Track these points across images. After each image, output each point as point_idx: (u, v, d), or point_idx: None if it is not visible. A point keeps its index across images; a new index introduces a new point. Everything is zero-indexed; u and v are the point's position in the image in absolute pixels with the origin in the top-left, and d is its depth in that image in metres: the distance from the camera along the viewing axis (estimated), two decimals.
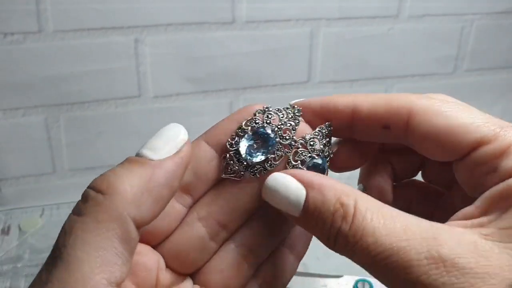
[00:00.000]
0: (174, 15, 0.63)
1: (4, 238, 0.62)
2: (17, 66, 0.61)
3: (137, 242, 0.20)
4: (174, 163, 0.21)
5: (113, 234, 0.18)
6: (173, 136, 0.22)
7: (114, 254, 0.18)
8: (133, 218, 0.19)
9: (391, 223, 0.19)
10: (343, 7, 0.69)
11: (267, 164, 0.24)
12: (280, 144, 0.24)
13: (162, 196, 0.20)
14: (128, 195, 0.19)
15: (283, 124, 0.25)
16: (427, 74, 0.78)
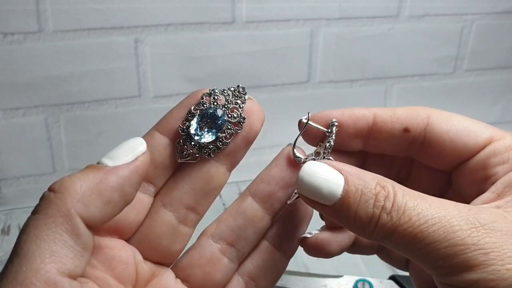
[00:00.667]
0: (174, 15, 0.63)
1: (4, 238, 0.62)
2: (17, 66, 0.61)
3: (91, 239, 0.21)
4: (128, 169, 0.22)
5: (61, 228, 0.20)
6: (132, 147, 0.23)
7: (64, 246, 0.20)
8: (80, 215, 0.20)
9: (428, 201, 0.21)
10: (343, 7, 0.69)
11: (219, 143, 0.25)
12: (229, 122, 0.25)
13: (112, 198, 0.21)
14: (77, 194, 0.20)
15: (229, 103, 0.26)
16: (427, 74, 0.78)
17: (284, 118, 0.75)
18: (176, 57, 0.66)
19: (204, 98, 0.26)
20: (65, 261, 0.19)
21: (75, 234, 0.20)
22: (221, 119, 0.25)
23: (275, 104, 0.73)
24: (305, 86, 0.73)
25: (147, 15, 0.62)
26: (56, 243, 0.19)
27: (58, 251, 0.19)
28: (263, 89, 0.72)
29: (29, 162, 0.66)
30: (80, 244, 0.20)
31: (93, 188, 0.21)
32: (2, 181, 0.67)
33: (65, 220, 0.20)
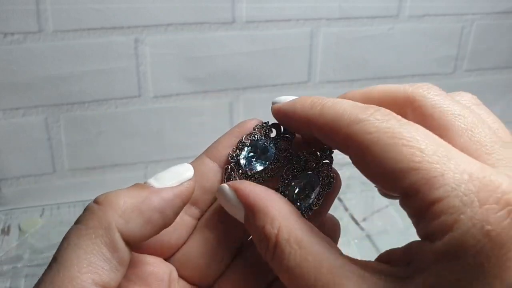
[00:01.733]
0: (174, 15, 0.63)
1: (4, 238, 0.62)
2: (17, 66, 0.61)
3: (127, 255, 0.21)
4: (172, 193, 0.23)
5: (101, 241, 0.21)
6: (179, 172, 0.24)
7: (101, 258, 0.20)
8: (120, 230, 0.21)
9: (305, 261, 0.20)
10: (343, 7, 0.69)
11: (266, 174, 0.26)
12: (278, 155, 0.26)
13: (152, 219, 0.22)
14: (119, 209, 0.21)
15: (279, 138, 0.27)
16: (427, 74, 0.78)
17: None
18: (176, 57, 0.66)
19: (256, 130, 0.26)
20: (101, 272, 0.20)
21: (113, 247, 0.21)
22: (271, 151, 0.26)
23: None
24: (305, 86, 0.73)
25: (147, 15, 0.62)
26: (94, 254, 0.20)
27: (95, 262, 0.20)
28: (263, 89, 0.72)
29: (29, 162, 0.66)
30: (117, 258, 0.21)
31: (136, 206, 0.21)
32: (2, 181, 0.67)
33: (105, 233, 0.21)
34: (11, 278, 0.56)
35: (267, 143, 0.26)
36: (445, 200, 0.18)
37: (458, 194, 0.18)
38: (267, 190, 0.23)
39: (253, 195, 0.22)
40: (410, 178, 0.18)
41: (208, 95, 0.70)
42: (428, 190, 0.18)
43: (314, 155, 0.26)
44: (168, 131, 0.70)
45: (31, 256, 0.59)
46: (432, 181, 0.18)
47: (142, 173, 0.72)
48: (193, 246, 0.26)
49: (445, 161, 0.18)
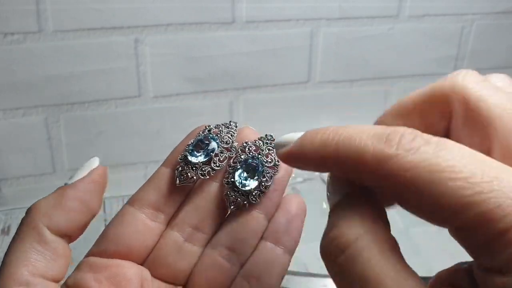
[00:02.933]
0: (174, 15, 0.63)
1: (4, 238, 0.62)
2: (17, 66, 0.61)
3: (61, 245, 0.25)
4: (84, 183, 0.27)
5: (32, 239, 0.24)
6: (87, 166, 0.29)
7: (35, 253, 0.24)
8: (47, 225, 0.25)
9: None
10: (343, 7, 0.69)
11: (213, 164, 0.28)
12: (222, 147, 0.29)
13: (74, 207, 0.26)
14: (42, 210, 0.25)
15: (222, 133, 0.29)
16: (427, 74, 0.78)
17: (284, 118, 0.75)
18: (176, 57, 0.66)
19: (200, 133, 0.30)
20: (36, 265, 0.24)
21: (42, 241, 0.24)
22: (211, 143, 0.29)
23: (275, 104, 0.73)
24: (305, 86, 0.73)
25: (147, 15, 0.62)
26: (28, 251, 0.24)
27: (30, 257, 0.24)
28: (263, 89, 0.72)
29: (29, 162, 0.67)
30: (49, 250, 0.24)
31: (55, 202, 0.25)
32: (2, 181, 0.67)
33: (34, 232, 0.24)
34: None
35: (208, 137, 0.29)
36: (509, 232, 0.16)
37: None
38: None
39: None
40: (463, 216, 0.17)
41: (208, 95, 0.70)
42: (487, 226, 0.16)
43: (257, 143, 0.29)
44: (168, 131, 0.70)
45: None
46: (490, 215, 0.16)
47: (142, 173, 0.72)
48: (161, 247, 0.28)
49: (497, 186, 0.16)
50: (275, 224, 0.28)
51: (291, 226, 0.28)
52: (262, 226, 0.28)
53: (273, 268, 0.28)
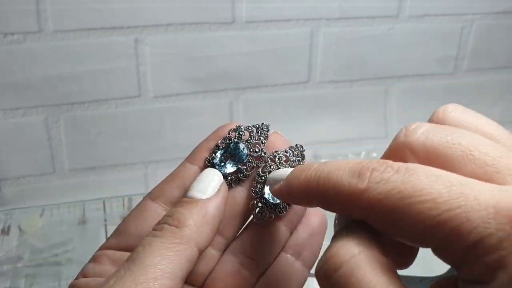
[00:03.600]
0: (174, 15, 0.63)
1: (4, 238, 0.62)
2: (17, 66, 0.61)
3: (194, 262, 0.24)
4: (219, 199, 0.26)
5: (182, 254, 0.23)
6: (214, 179, 0.27)
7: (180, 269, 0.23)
8: (197, 244, 0.24)
9: None
10: (343, 7, 0.69)
11: (240, 174, 0.28)
12: (251, 156, 0.28)
13: (215, 225, 0.25)
14: (193, 227, 0.24)
15: (252, 139, 0.28)
16: (427, 74, 0.78)
17: (284, 118, 0.75)
18: (176, 57, 0.66)
19: (231, 133, 0.28)
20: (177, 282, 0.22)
21: (190, 260, 0.23)
22: (241, 152, 0.28)
23: (275, 104, 0.73)
24: (305, 86, 0.73)
25: (147, 15, 0.62)
26: (176, 265, 0.23)
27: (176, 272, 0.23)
28: (263, 89, 0.72)
29: (29, 162, 0.67)
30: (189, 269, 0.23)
31: (203, 220, 0.25)
32: (2, 181, 0.67)
33: (186, 248, 0.23)
34: (11, 278, 0.56)
35: (239, 145, 0.28)
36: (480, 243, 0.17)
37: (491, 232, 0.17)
38: None
39: None
40: (436, 236, 0.18)
41: (208, 95, 0.70)
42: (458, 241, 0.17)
43: (288, 152, 0.28)
44: (168, 131, 0.70)
45: (31, 256, 0.59)
46: (460, 229, 0.17)
47: (142, 173, 0.72)
48: None
49: (463, 201, 0.17)
50: (297, 237, 0.28)
51: (312, 240, 0.28)
52: (284, 237, 0.28)
53: (291, 281, 0.28)
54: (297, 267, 0.28)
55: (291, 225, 0.28)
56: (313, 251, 0.28)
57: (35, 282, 0.56)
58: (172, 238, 0.24)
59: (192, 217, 0.25)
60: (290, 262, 0.28)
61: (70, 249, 0.61)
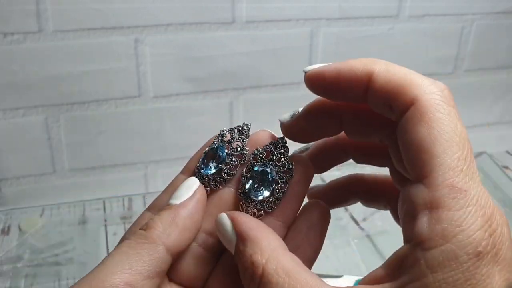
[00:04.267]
0: (174, 15, 0.63)
1: (4, 238, 0.62)
2: (17, 66, 0.61)
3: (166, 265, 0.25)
4: (192, 201, 0.27)
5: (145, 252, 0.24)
6: (190, 185, 0.28)
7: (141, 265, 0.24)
8: (164, 243, 0.25)
9: None
10: (343, 7, 0.69)
11: (224, 174, 0.28)
12: (232, 155, 0.28)
13: (186, 226, 0.26)
14: (160, 228, 0.25)
15: (233, 139, 0.29)
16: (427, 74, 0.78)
17: None
18: (176, 57, 0.66)
19: (215, 140, 0.29)
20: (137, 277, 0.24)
21: (155, 257, 0.24)
22: (220, 152, 0.29)
23: (275, 104, 0.73)
24: (305, 86, 0.73)
25: (147, 15, 0.62)
26: (136, 261, 0.24)
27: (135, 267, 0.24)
28: (263, 89, 0.72)
29: (29, 162, 0.67)
30: (156, 267, 0.24)
31: (171, 221, 0.26)
32: (2, 181, 0.67)
33: (150, 246, 0.25)
34: (11, 278, 0.56)
35: (219, 147, 0.29)
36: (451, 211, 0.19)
37: None
38: (260, 223, 0.25)
39: (246, 225, 0.25)
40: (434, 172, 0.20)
41: (208, 95, 0.70)
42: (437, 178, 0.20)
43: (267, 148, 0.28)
44: (168, 131, 0.70)
45: (31, 256, 0.59)
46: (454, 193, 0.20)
47: (142, 173, 0.72)
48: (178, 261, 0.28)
49: None
50: (294, 232, 0.28)
51: (312, 234, 0.28)
52: (281, 234, 0.27)
53: None
54: None
55: (286, 220, 0.28)
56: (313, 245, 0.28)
57: (35, 282, 0.56)
58: (138, 239, 0.25)
59: (161, 221, 0.26)
60: None
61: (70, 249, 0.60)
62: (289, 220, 0.28)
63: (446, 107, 0.22)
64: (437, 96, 0.23)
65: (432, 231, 0.20)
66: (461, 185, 0.20)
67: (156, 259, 0.24)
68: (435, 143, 0.21)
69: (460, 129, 0.21)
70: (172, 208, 0.27)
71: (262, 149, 0.28)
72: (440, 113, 0.22)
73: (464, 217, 0.19)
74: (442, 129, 0.21)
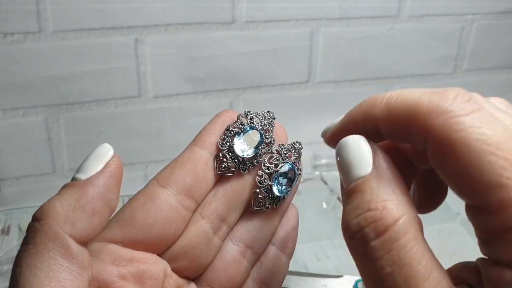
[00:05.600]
0: (174, 15, 0.63)
1: (4, 238, 0.62)
2: (17, 66, 0.61)
3: (86, 256, 0.21)
4: (103, 177, 0.22)
5: (54, 253, 0.20)
6: (100, 155, 0.23)
7: (61, 270, 0.20)
8: (70, 234, 0.20)
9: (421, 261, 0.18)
10: (343, 7, 0.69)
11: (255, 161, 0.27)
12: (264, 143, 0.27)
13: (97, 209, 0.21)
14: (60, 215, 0.20)
15: (263, 125, 0.28)
16: (427, 74, 0.78)
17: (284, 118, 0.75)
18: (176, 57, 0.66)
19: (241, 118, 0.28)
20: (65, 284, 0.20)
21: (68, 255, 0.20)
22: (261, 138, 0.27)
23: (275, 104, 0.73)
24: (305, 86, 0.73)
25: (147, 15, 0.62)
26: (52, 269, 0.19)
27: (56, 276, 0.19)
28: (263, 89, 0.72)
29: (29, 162, 0.66)
30: (76, 264, 0.20)
31: (75, 205, 0.21)
32: (2, 181, 0.67)
33: (55, 244, 0.20)
34: None
35: (256, 131, 0.27)
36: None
37: None
38: None
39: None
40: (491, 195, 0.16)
41: (208, 95, 0.70)
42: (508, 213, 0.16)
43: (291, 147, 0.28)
44: (168, 131, 0.70)
45: None
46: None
47: (142, 173, 0.72)
48: (189, 236, 0.25)
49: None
50: (282, 231, 0.28)
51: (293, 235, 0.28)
52: (277, 224, 0.28)
53: (279, 274, 0.28)
54: (283, 260, 0.28)
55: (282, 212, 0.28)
56: (293, 245, 0.28)
57: None
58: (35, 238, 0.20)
59: (61, 204, 0.21)
60: (277, 256, 0.28)
61: None
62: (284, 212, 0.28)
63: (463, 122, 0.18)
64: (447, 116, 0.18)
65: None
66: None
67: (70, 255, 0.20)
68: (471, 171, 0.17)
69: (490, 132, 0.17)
70: (76, 187, 0.22)
71: (287, 147, 0.28)
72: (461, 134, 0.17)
73: None
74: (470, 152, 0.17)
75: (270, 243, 0.28)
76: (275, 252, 0.28)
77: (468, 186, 0.17)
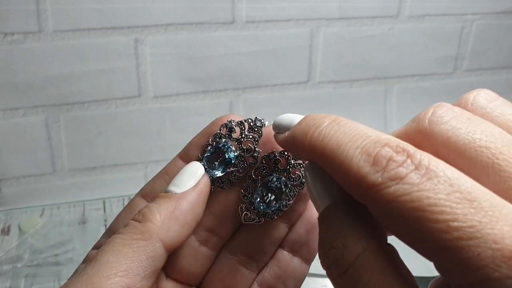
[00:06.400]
0: (174, 15, 0.63)
1: (4, 238, 0.62)
2: (17, 66, 0.61)
3: (162, 263, 0.23)
4: (195, 193, 0.25)
5: (142, 250, 0.22)
6: (192, 172, 0.25)
7: (139, 266, 0.22)
8: (162, 240, 0.23)
9: None
10: (343, 7, 0.69)
11: (231, 176, 0.26)
12: (242, 156, 0.26)
13: (187, 221, 0.24)
14: (158, 222, 0.23)
15: (244, 137, 0.26)
16: (427, 74, 0.78)
17: None
18: (176, 57, 0.66)
19: (221, 129, 0.26)
20: (135, 279, 0.22)
21: (152, 257, 0.23)
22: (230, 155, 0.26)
23: (275, 104, 0.73)
24: (305, 86, 0.73)
25: (147, 15, 0.62)
26: (134, 262, 0.22)
27: (133, 269, 0.22)
28: (263, 89, 0.72)
29: (29, 162, 0.66)
30: (153, 267, 0.23)
31: (171, 215, 0.24)
32: (2, 181, 0.67)
33: (147, 243, 0.23)
34: (11, 278, 0.56)
35: (227, 147, 0.26)
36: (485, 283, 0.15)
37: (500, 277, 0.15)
38: None
39: None
40: (441, 260, 0.16)
41: (208, 95, 0.70)
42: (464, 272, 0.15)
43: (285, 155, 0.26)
44: (168, 131, 0.70)
45: (31, 256, 0.59)
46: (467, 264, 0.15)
47: (142, 173, 0.72)
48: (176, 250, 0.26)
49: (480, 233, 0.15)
50: (294, 233, 0.27)
51: (311, 236, 0.28)
52: (283, 233, 0.27)
53: (289, 278, 0.27)
54: (295, 263, 0.28)
55: (290, 221, 0.27)
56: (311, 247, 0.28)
57: (35, 282, 0.56)
58: (133, 233, 0.23)
59: (159, 212, 0.23)
60: (287, 259, 0.28)
61: (70, 249, 0.60)
62: (292, 221, 0.27)
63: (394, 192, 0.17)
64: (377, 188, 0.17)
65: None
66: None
67: (153, 258, 0.23)
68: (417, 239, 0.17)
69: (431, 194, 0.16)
70: (172, 199, 0.24)
71: (279, 155, 0.26)
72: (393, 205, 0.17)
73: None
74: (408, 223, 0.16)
75: (280, 247, 0.28)
76: (285, 256, 0.28)
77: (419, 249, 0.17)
